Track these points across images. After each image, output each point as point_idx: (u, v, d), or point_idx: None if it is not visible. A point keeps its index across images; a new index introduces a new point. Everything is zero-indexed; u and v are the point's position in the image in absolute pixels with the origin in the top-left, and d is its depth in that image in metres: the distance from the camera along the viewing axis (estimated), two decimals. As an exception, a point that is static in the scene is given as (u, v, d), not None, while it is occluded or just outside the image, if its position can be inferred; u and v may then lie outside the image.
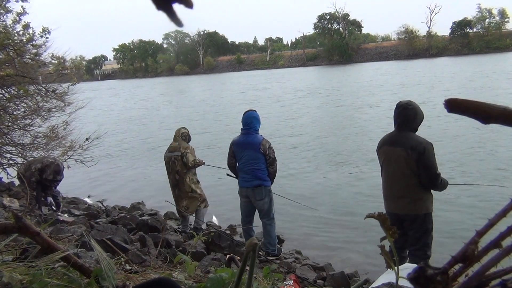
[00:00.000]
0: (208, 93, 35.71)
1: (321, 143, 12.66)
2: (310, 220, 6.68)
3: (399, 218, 3.70)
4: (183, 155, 5.75)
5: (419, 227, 3.67)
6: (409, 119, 3.62)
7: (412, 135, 3.63)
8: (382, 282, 2.12)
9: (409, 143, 3.55)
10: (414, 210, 3.65)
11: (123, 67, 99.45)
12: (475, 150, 10.11)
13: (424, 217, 3.67)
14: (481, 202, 6.55)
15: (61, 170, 5.92)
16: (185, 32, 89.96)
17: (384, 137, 3.89)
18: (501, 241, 0.59)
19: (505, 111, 0.52)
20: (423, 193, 3.65)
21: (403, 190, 3.65)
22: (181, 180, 5.82)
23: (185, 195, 5.86)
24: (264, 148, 4.88)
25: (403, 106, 3.66)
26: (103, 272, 1.39)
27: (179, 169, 5.80)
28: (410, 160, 3.54)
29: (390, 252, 0.88)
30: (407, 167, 3.56)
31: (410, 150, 3.52)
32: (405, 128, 3.64)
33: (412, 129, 3.66)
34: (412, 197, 3.62)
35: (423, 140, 3.58)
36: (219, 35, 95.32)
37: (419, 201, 3.63)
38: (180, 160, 5.78)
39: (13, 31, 7.69)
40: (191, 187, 5.85)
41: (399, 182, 3.66)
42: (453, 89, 22.42)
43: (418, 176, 3.57)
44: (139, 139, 16.16)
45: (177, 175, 5.82)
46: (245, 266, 0.86)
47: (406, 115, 3.62)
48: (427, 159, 3.52)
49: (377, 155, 3.93)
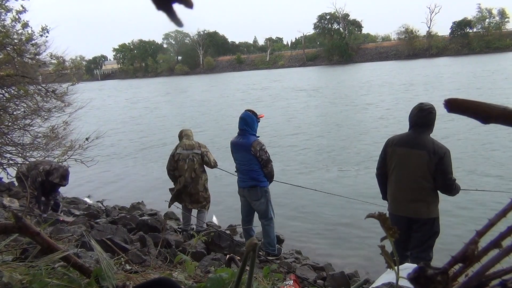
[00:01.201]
0: (208, 93, 35.71)
1: (321, 143, 12.66)
2: (310, 220, 6.68)
3: (408, 220, 3.66)
4: (204, 154, 5.76)
5: (428, 230, 3.66)
6: (430, 123, 3.60)
7: (432, 139, 3.60)
8: (382, 282, 2.12)
9: (431, 146, 3.51)
10: (427, 214, 3.62)
11: (123, 67, 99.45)
12: (477, 149, 10.12)
13: (434, 221, 3.66)
14: (481, 202, 6.55)
15: (67, 176, 5.98)
16: (185, 32, 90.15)
17: (397, 137, 3.78)
18: (501, 241, 0.59)
19: (505, 111, 0.52)
20: (436, 197, 3.65)
21: (417, 194, 3.60)
22: (197, 178, 5.80)
23: (197, 194, 5.85)
24: (255, 150, 4.81)
25: (428, 110, 3.59)
26: (103, 272, 1.39)
27: (197, 167, 5.77)
28: (430, 164, 3.50)
29: (390, 252, 0.88)
30: (427, 170, 3.52)
31: (432, 154, 3.49)
32: (424, 131, 3.60)
33: (429, 132, 3.63)
34: (426, 200, 3.60)
35: (443, 146, 3.58)
36: (219, 35, 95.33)
37: (432, 205, 3.62)
38: (200, 159, 5.76)
39: (13, 29, 7.68)
40: (204, 186, 5.88)
41: (414, 185, 3.60)
42: (452, 89, 22.42)
43: (434, 180, 3.55)
44: (138, 139, 16.16)
45: (193, 173, 5.77)
46: (245, 266, 0.86)
47: (429, 119, 3.59)
48: (446, 164, 3.50)
49: (385, 153, 3.79)
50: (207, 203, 5.96)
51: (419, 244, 3.70)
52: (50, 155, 8.47)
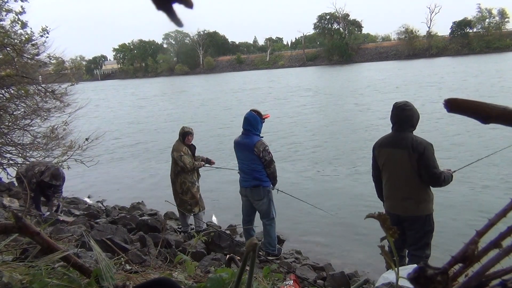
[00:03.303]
0: (207, 93, 35.70)
1: (320, 143, 12.66)
2: (310, 220, 6.68)
3: (399, 218, 3.70)
4: (177, 159, 5.79)
5: (420, 228, 3.67)
6: (407, 119, 3.64)
7: (411, 135, 3.64)
8: (382, 282, 2.12)
9: (410, 144, 3.56)
10: (417, 211, 3.65)
11: (123, 67, 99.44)
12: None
13: (426, 218, 3.67)
14: (481, 202, 6.56)
15: (59, 175, 5.89)
16: (185, 32, 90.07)
17: (382, 138, 3.88)
18: (501, 241, 0.59)
19: (505, 111, 0.52)
20: (426, 194, 3.66)
21: (407, 192, 3.64)
22: (175, 179, 5.91)
23: (177, 195, 5.94)
24: (258, 150, 4.82)
25: (401, 107, 3.66)
26: (103, 272, 1.39)
27: (174, 167, 5.91)
28: (412, 161, 3.55)
29: (390, 252, 0.88)
30: (411, 168, 3.57)
31: (412, 151, 3.54)
32: (403, 128, 3.65)
33: (410, 129, 3.67)
34: (416, 198, 3.63)
35: (423, 140, 3.60)
36: (219, 35, 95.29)
37: (423, 203, 3.64)
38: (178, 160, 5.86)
39: (12, 28, 7.68)
40: (182, 188, 5.87)
41: (402, 183, 3.66)
42: (452, 89, 22.42)
43: (420, 177, 3.58)
44: (138, 139, 16.15)
45: (173, 174, 5.94)
46: (245, 266, 0.86)
47: (404, 116, 3.64)
48: (427, 158, 3.53)
49: (374, 156, 3.90)
50: (193, 206, 5.91)
51: (414, 242, 3.72)
52: (50, 155, 8.48)
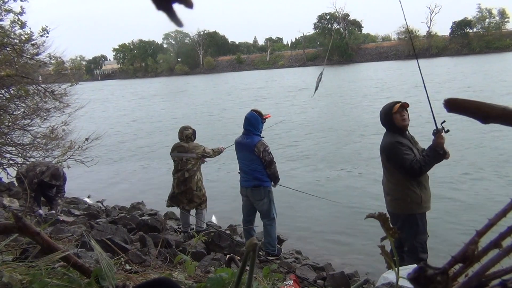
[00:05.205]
0: (207, 93, 35.71)
1: (321, 142, 12.66)
2: (310, 220, 6.68)
3: (391, 216, 3.73)
4: (203, 153, 5.84)
5: (401, 227, 3.63)
6: (383, 122, 3.87)
7: (385, 137, 3.84)
8: (382, 282, 2.12)
9: (382, 144, 3.84)
10: (394, 208, 3.77)
11: (123, 67, 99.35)
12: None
13: (407, 218, 3.67)
14: (481, 202, 6.56)
15: (59, 175, 5.88)
16: (185, 32, 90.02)
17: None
18: (501, 241, 0.59)
19: (505, 111, 0.52)
20: (402, 193, 3.68)
21: (386, 188, 3.87)
22: (190, 178, 5.83)
23: (191, 193, 5.86)
24: (258, 150, 4.81)
25: (380, 112, 3.91)
26: (103, 272, 1.39)
27: (190, 167, 5.82)
28: (385, 161, 3.81)
29: (390, 252, 0.88)
30: (387, 167, 3.82)
31: (382, 153, 3.81)
32: (386, 131, 3.87)
33: (389, 132, 3.82)
34: (392, 195, 3.78)
35: (386, 141, 3.78)
36: (219, 35, 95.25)
37: (398, 201, 3.72)
38: (193, 159, 5.82)
39: (12, 28, 7.68)
40: (198, 186, 5.88)
41: (385, 180, 3.91)
42: (452, 89, 22.43)
43: (394, 175, 3.73)
44: (138, 139, 16.16)
45: (187, 173, 5.83)
46: (245, 266, 0.86)
47: (381, 119, 3.89)
48: (393, 157, 3.68)
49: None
50: (203, 202, 5.95)
51: (406, 241, 3.73)
52: (50, 155, 8.47)
